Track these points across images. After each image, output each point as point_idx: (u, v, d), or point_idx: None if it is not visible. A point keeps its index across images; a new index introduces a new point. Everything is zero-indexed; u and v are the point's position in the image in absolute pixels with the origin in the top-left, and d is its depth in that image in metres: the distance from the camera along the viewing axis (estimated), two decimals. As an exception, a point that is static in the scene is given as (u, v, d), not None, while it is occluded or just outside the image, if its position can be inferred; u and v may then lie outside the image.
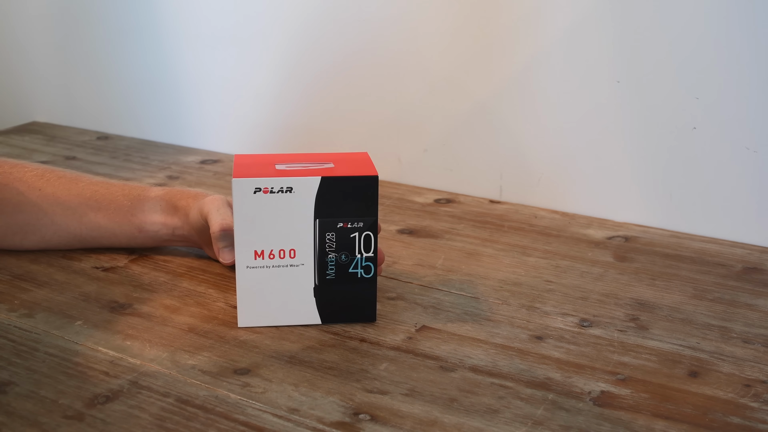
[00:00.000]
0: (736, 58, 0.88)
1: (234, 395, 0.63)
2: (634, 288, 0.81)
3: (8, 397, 0.62)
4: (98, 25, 1.30)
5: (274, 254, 0.70)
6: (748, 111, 0.88)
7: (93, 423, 0.59)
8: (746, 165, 0.90)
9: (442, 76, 1.04)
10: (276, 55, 1.15)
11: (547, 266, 0.86)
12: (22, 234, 0.84)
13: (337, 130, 1.14)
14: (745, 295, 0.80)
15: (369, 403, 0.62)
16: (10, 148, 1.25)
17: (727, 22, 0.87)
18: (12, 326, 0.72)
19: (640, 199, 0.97)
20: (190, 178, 1.12)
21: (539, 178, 1.02)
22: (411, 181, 1.10)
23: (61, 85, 1.37)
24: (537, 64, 0.98)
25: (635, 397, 0.63)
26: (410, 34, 1.04)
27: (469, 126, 1.04)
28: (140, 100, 1.30)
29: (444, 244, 0.91)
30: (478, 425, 0.60)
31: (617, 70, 0.94)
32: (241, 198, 0.68)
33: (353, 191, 0.69)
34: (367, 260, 0.71)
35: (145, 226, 0.84)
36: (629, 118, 0.95)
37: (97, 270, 0.83)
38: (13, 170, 0.84)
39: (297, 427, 0.59)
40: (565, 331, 0.73)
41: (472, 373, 0.66)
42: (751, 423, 0.60)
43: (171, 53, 1.25)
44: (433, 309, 0.76)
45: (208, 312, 0.75)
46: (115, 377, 0.65)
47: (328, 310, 0.73)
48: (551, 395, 0.63)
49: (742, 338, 0.72)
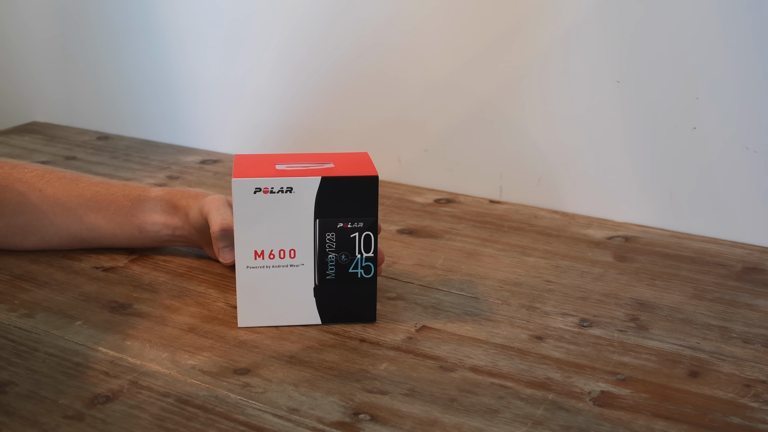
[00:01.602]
0: (736, 58, 0.88)
1: (234, 395, 0.63)
2: (634, 288, 0.81)
3: (8, 397, 0.62)
4: (98, 25, 1.30)
5: (274, 254, 0.70)
6: (748, 111, 0.88)
7: (93, 423, 0.59)
8: (746, 165, 0.90)
9: (442, 76, 1.04)
10: (276, 55, 1.15)
11: (547, 266, 0.86)
12: (22, 234, 0.84)
13: (337, 130, 1.13)
14: (745, 295, 0.80)
15: (369, 403, 0.62)
16: (10, 148, 1.25)
17: (727, 21, 0.87)
18: (12, 326, 0.72)
19: (640, 199, 0.97)
20: (190, 178, 1.12)
21: (539, 178, 1.02)
22: (411, 181, 1.10)
23: (61, 85, 1.37)
24: (537, 64, 0.98)
25: (635, 397, 0.63)
26: (410, 34, 1.04)
27: (469, 126, 1.04)
28: (140, 100, 1.30)
29: (444, 244, 0.91)
30: (478, 425, 0.60)
31: (617, 70, 0.94)
32: (241, 198, 0.68)
33: (353, 191, 0.69)
34: (367, 260, 0.71)
35: (145, 226, 0.84)
36: (629, 118, 0.95)
37: (97, 270, 0.83)
38: (13, 171, 0.84)
39: (297, 427, 0.59)
40: (565, 331, 0.73)
41: (472, 373, 0.66)
42: (751, 423, 0.60)
43: (171, 53, 1.25)
44: (433, 309, 0.76)
45: (208, 312, 0.75)
46: (115, 377, 0.65)
47: (328, 310, 0.73)
48: (551, 395, 0.63)
49: (742, 338, 0.72)
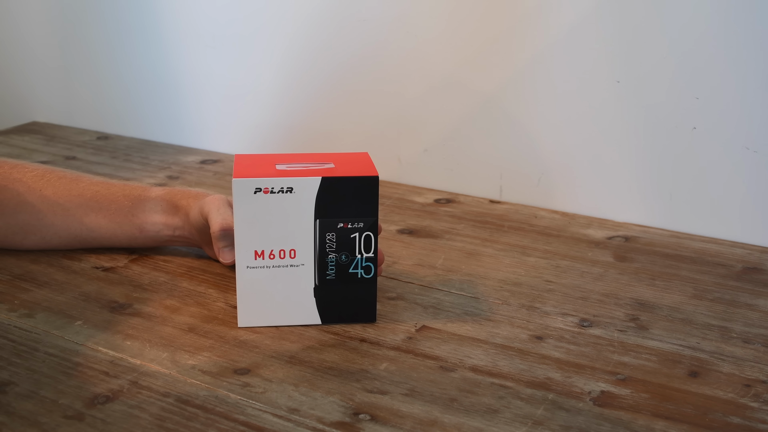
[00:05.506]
0: (736, 57, 0.88)
1: (234, 395, 0.63)
2: (634, 288, 0.81)
3: (8, 397, 0.62)
4: (98, 25, 1.30)
5: (274, 254, 0.70)
6: (748, 111, 0.88)
7: (93, 423, 0.59)
8: (746, 165, 0.90)
9: (442, 76, 1.04)
10: (276, 55, 1.15)
11: (547, 266, 0.86)
12: (22, 234, 0.84)
13: (337, 130, 1.13)
14: (745, 295, 0.80)
15: (369, 403, 0.62)
16: (10, 148, 1.25)
17: (727, 21, 0.87)
18: (12, 326, 0.72)
19: (640, 199, 0.97)
20: (190, 178, 1.12)
21: (539, 178, 1.02)
22: (411, 181, 1.10)
23: (61, 85, 1.37)
24: (537, 64, 0.98)
25: (635, 397, 0.63)
26: (410, 35, 1.04)
27: (469, 126, 1.04)
28: (140, 100, 1.30)
29: (444, 244, 0.91)
30: (478, 425, 0.60)
31: (617, 70, 0.94)
32: (242, 198, 0.68)
33: (353, 191, 0.69)
34: (367, 260, 0.71)
35: (146, 226, 0.84)
36: (629, 118, 0.95)
37: (97, 270, 0.83)
38: (13, 171, 0.84)
39: (297, 427, 0.59)
40: (565, 331, 0.73)
41: (472, 373, 0.66)
42: (751, 423, 0.60)
43: (171, 53, 1.25)
44: (433, 309, 0.76)
45: (208, 312, 0.75)
46: (115, 377, 0.65)
47: (328, 310, 0.73)
48: (551, 395, 0.63)
49: (742, 338, 0.72)
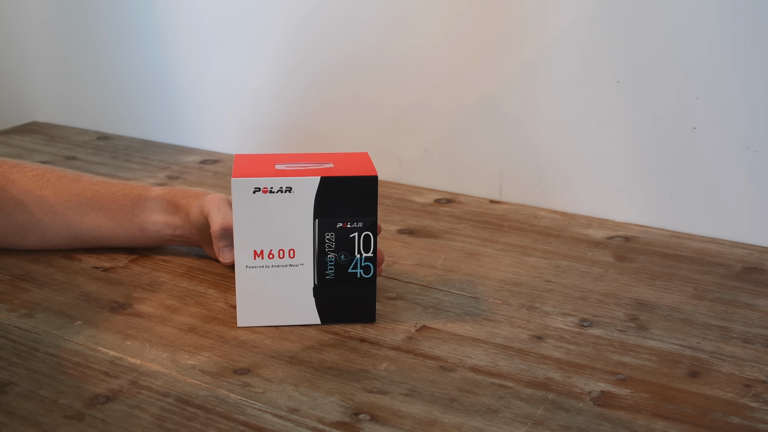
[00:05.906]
0: (736, 57, 0.88)
1: (234, 395, 0.63)
2: (634, 288, 0.81)
3: (8, 397, 0.62)
4: (98, 26, 1.30)
5: (273, 254, 0.70)
6: (748, 111, 0.88)
7: (93, 423, 0.59)
8: (746, 165, 0.90)
9: (442, 76, 1.04)
10: (276, 55, 1.15)
11: (547, 266, 0.86)
12: (22, 234, 0.84)
13: (337, 130, 1.13)
14: (745, 295, 0.80)
15: (369, 403, 0.62)
16: (10, 148, 1.25)
17: (728, 21, 0.87)
18: (12, 326, 0.72)
19: (640, 199, 0.97)
20: (190, 178, 1.12)
21: (539, 178, 1.02)
22: (411, 181, 1.10)
23: (61, 85, 1.37)
24: (537, 64, 0.98)
25: (635, 397, 0.63)
26: (410, 34, 1.04)
27: (469, 126, 1.04)
28: (140, 100, 1.30)
29: (444, 244, 0.91)
30: (478, 425, 0.60)
31: (617, 70, 0.94)
32: (241, 198, 0.68)
33: (353, 191, 0.69)
34: (367, 260, 0.71)
35: (146, 225, 0.84)
36: (629, 118, 0.95)
37: (97, 270, 0.83)
38: (13, 171, 0.84)
39: (297, 427, 0.59)
40: (565, 331, 0.73)
41: (472, 373, 0.66)
42: (751, 423, 0.60)
43: (171, 53, 1.25)
44: (433, 309, 0.76)
45: (208, 312, 0.75)
46: (115, 377, 0.65)
47: (328, 310, 0.73)
48: (551, 395, 0.63)
49: (742, 338, 0.72)
